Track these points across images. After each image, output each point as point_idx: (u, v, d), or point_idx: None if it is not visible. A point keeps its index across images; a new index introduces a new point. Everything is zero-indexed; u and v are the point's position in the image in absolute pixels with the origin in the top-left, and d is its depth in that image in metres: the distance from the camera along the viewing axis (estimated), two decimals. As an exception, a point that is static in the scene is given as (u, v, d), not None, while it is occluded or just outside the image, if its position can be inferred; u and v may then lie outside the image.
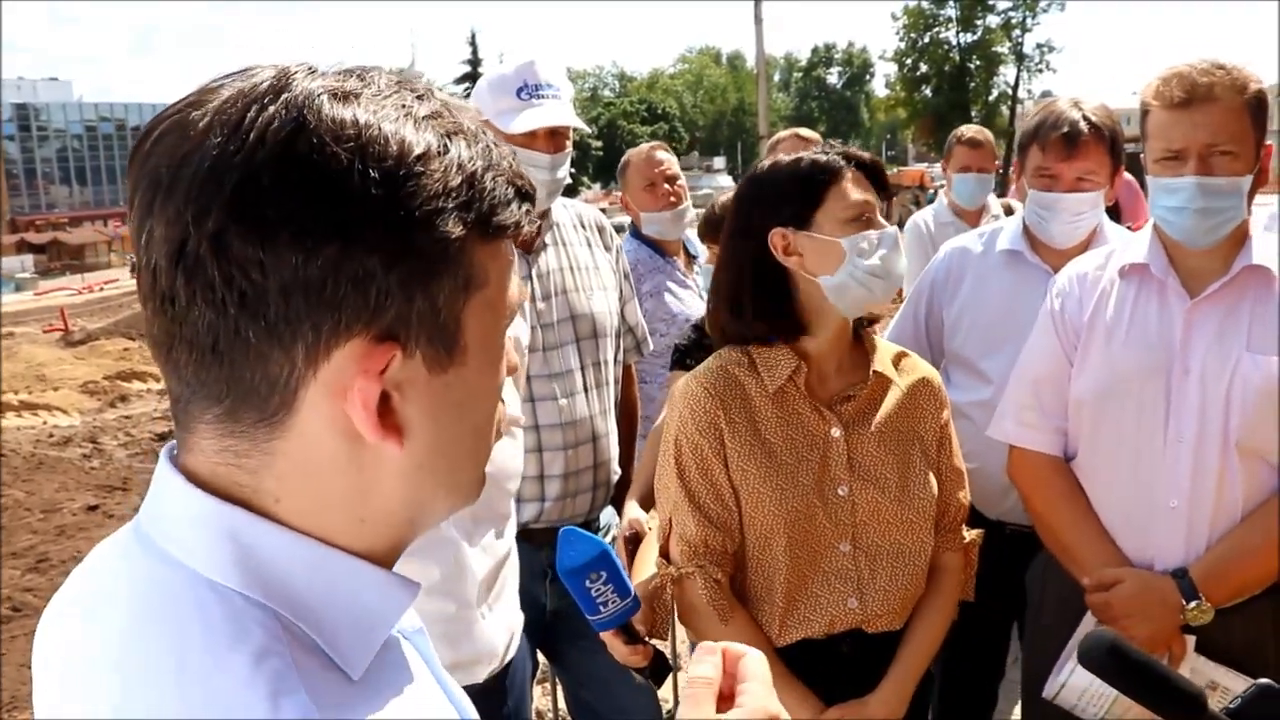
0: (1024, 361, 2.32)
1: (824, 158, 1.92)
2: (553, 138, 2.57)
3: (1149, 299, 2.13)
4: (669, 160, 3.73)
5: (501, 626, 2.00)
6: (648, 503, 2.56)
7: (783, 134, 4.06)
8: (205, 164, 0.65)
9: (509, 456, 2.00)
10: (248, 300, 0.65)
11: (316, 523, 0.72)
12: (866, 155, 1.96)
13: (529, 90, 2.54)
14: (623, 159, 3.87)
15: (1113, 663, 1.34)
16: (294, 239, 0.64)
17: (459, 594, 1.90)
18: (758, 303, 1.93)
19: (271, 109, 0.66)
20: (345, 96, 0.68)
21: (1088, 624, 2.11)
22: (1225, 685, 2.00)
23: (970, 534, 2.09)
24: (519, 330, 2.09)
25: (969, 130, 4.72)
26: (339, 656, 0.70)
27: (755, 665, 0.88)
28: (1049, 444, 2.25)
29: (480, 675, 1.96)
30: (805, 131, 3.99)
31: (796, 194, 1.91)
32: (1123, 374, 2.11)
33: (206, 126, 0.66)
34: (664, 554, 1.97)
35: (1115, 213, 4.06)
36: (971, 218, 4.52)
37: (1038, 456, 2.26)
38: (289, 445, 0.69)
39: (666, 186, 3.63)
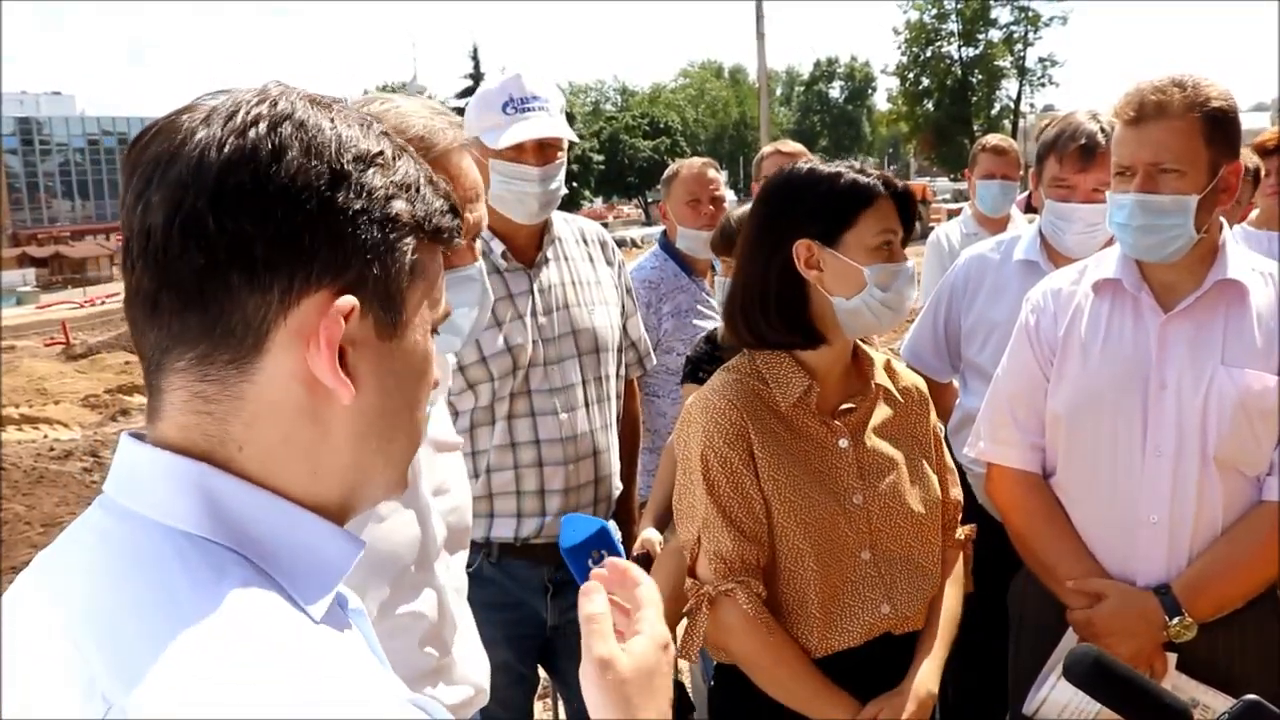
0: (999, 379, 2.30)
1: (864, 180, 1.91)
2: (541, 150, 2.55)
3: (1123, 314, 2.13)
4: (718, 180, 3.70)
5: None
6: (664, 523, 2.53)
7: (766, 149, 4.04)
8: (204, 142, 0.76)
9: (398, 530, 1.61)
10: (238, 247, 0.75)
11: (274, 470, 0.80)
12: (901, 184, 1.96)
13: (515, 104, 2.53)
14: (671, 167, 3.81)
15: (1097, 677, 1.35)
16: (282, 196, 0.76)
17: None
18: (781, 306, 1.93)
19: (261, 107, 0.79)
20: (321, 105, 0.82)
21: (1069, 641, 2.11)
22: (1205, 703, 1.99)
23: (964, 530, 2.12)
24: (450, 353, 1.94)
25: (994, 138, 4.70)
26: (301, 598, 0.78)
27: (650, 593, 1.01)
28: (1026, 461, 2.23)
29: None
30: (787, 145, 3.97)
31: (830, 210, 1.91)
32: (1099, 389, 2.11)
33: (204, 118, 0.78)
34: (692, 573, 1.94)
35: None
36: (996, 227, 4.38)
37: (1015, 474, 2.24)
38: (256, 389, 0.78)
39: (710, 208, 3.58)
